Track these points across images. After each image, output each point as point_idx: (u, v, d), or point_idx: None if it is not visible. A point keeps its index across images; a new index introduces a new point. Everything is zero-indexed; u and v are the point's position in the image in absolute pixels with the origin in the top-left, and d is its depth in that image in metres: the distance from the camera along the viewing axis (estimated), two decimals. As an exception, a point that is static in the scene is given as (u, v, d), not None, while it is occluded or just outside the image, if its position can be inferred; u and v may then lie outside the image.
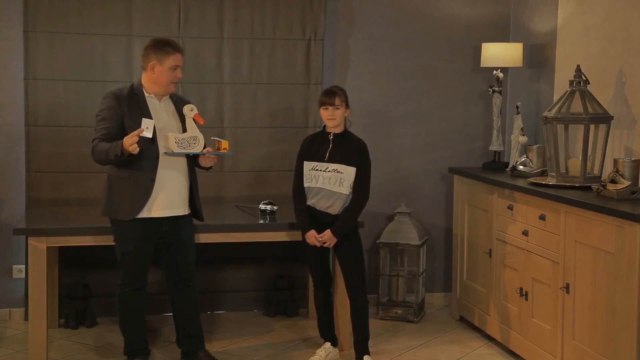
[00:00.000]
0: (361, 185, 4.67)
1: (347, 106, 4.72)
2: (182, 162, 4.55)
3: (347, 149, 4.68)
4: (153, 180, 4.43)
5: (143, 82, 4.51)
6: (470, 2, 6.01)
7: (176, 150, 4.44)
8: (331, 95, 4.68)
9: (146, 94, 4.49)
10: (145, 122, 4.35)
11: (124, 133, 4.35)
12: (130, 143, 4.24)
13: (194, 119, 4.52)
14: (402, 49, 5.95)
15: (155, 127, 4.41)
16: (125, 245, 4.47)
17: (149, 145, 4.40)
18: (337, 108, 4.66)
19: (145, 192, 4.43)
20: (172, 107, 4.58)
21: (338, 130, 4.72)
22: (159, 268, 4.85)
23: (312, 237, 4.70)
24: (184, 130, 4.52)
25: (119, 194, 4.44)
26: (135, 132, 4.28)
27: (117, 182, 4.45)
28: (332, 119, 4.68)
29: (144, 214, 4.44)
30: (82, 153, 5.43)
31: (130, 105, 4.43)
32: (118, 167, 4.42)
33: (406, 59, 5.96)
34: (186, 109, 4.53)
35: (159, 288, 5.37)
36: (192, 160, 4.61)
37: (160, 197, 4.46)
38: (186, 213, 4.60)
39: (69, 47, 5.42)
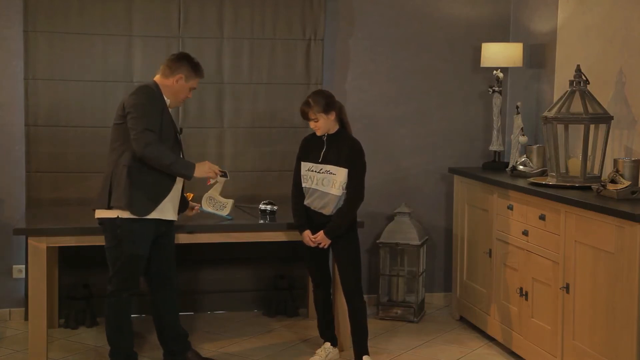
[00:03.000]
0: (353, 186, 4.65)
1: (328, 112, 4.62)
2: None
3: (340, 149, 4.66)
4: (173, 180, 4.44)
5: (160, 86, 4.47)
6: (470, 2, 6.01)
7: (207, 209, 4.94)
8: (304, 109, 4.64)
9: (165, 98, 4.49)
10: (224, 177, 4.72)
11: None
12: (207, 173, 4.52)
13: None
14: (402, 49, 5.95)
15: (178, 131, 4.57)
16: (134, 249, 4.39)
17: (173, 147, 4.45)
18: (316, 120, 4.64)
19: (163, 190, 4.42)
20: None
21: (331, 131, 4.71)
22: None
23: (307, 237, 4.71)
24: (180, 139, 4.62)
25: (139, 186, 4.35)
26: (217, 170, 4.56)
27: (140, 173, 4.35)
28: (316, 129, 4.68)
29: (155, 214, 4.41)
30: (82, 153, 5.44)
31: (163, 105, 4.44)
32: (140, 159, 4.35)
33: (406, 59, 5.96)
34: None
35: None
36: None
37: (170, 199, 4.46)
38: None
39: (69, 47, 5.42)
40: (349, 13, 5.85)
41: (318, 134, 4.70)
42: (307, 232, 4.71)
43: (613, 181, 4.33)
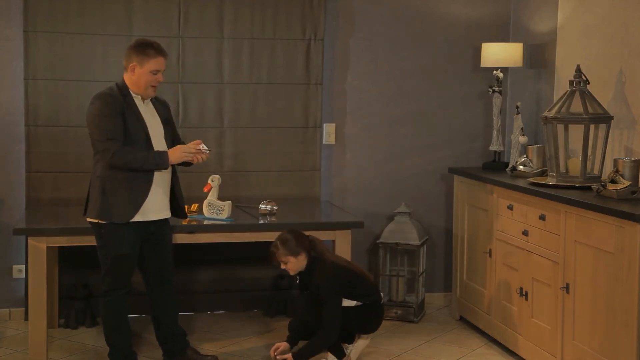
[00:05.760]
0: (324, 318, 4.58)
1: (298, 253, 4.58)
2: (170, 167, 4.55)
3: (314, 286, 4.64)
4: (150, 182, 4.42)
5: (126, 82, 4.45)
6: (470, 2, 6.01)
7: (207, 215, 4.96)
8: (271, 255, 4.63)
9: (132, 94, 4.44)
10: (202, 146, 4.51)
11: (124, 132, 4.35)
12: (183, 157, 4.39)
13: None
14: (402, 49, 5.95)
15: (149, 129, 4.44)
16: (119, 249, 4.39)
17: (145, 146, 4.40)
18: (285, 263, 4.62)
19: (141, 194, 4.39)
20: (154, 109, 4.55)
21: (302, 269, 4.67)
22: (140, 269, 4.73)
23: (275, 347, 4.70)
24: (165, 131, 4.54)
25: (114, 195, 4.35)
26: (192, 147, 4.42)
27: (112, 183, 4.35)
28: (288, 270, 4.66)
29: (137, 217, 4.40)
30: (82, 153, 5.42)
31: (125, 105, 4.39)
32: (112, 168, 4.35)
33: (406, 59, 5.96)
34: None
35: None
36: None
37: (152, 200, 4.44)
38: (169, 216, 4.60)
39: (69, 47, 5.42)
40: (349, 13, 5.85)
41: (291, 274, 4.70)
42: (283, 346, 4.70)
43: (613, 181, 4.33)
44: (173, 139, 4.60)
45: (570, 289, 4.36)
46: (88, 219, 4.46)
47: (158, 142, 4.47)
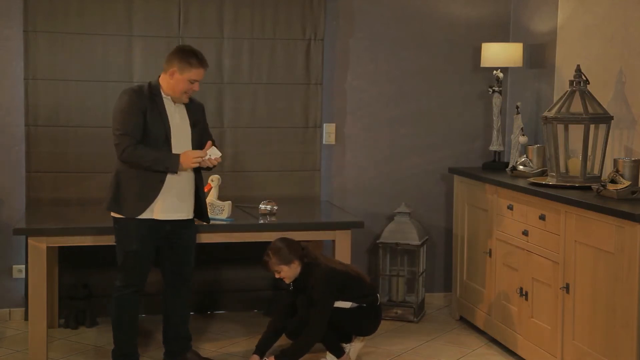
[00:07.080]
0: (310, 320, 4.57)
1: (290, 262, 4.59)
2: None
3: (308, 291, 4.62)
4: (162, 181, 4.43)
5: (161, 82, 4.48)
6: (470, 2, 6.01)
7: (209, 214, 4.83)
8: (264, 264, 4.64)
9: (163, 94, 4.47)
10: (213, 151, 4.46)
11: (144, 130, 4.38)
12: (192, 162, 4.37)
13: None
14: (402, 49, 5.95)
15: (171, 128, 4.45)
16: (129, 244, 4.43)
17: (163, 147, 4.42)
18: (278, 272, 4.63)
19: (152, 192, 4.42)
20: (184, 111, 4.55)
21: (297, 276, 4.67)
22: (157, 268, 4.80)
23: None
24: (193, 134, 4.53)
25: (126, 190, 4.40)
26: (201, 154, 4.39)
27: (126, 178, 4.41)
28: (283, 279, 4.66)
29: (147, 214, 4.42)
30: (82, 153, 5.44)
31: (150, 103, 4.42)
32: (125, 163, 4.40)
33: (406, 59, 5.96)
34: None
35: (159, 288, 5.36)
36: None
37: (165, 200, 4.45)
38: (189, 217, 4.60)
39: (69, 47, 5.42)
40: (349, 13, 5.85)
41: (287, 282, 4.70)
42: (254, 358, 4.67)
43: (613, 181, 4.33)
44: (201, 141, 4.59)
45: (570, 289, 4.36)
46: (111, 215, 4.53)
47: (180, 144, 4.47)
